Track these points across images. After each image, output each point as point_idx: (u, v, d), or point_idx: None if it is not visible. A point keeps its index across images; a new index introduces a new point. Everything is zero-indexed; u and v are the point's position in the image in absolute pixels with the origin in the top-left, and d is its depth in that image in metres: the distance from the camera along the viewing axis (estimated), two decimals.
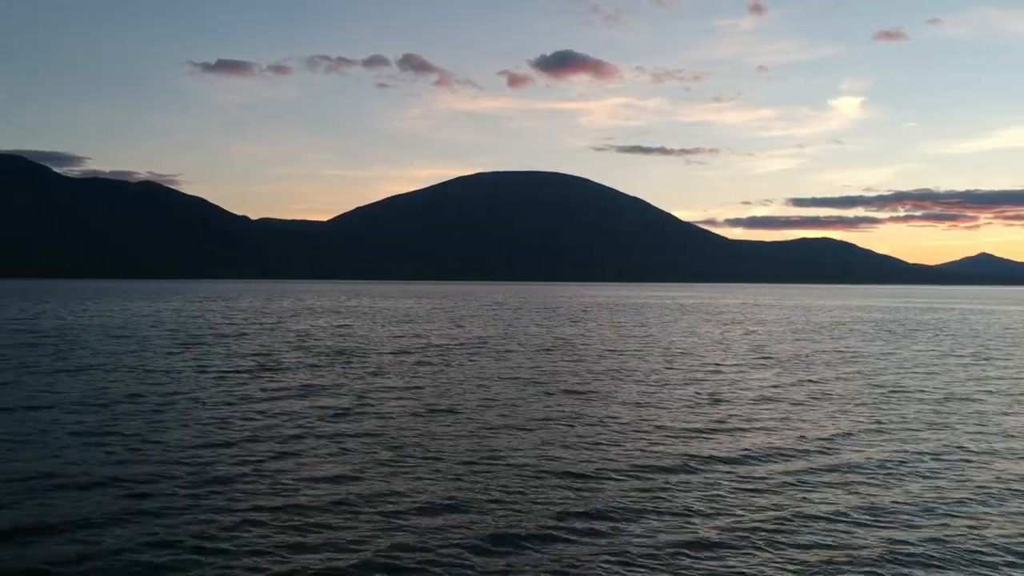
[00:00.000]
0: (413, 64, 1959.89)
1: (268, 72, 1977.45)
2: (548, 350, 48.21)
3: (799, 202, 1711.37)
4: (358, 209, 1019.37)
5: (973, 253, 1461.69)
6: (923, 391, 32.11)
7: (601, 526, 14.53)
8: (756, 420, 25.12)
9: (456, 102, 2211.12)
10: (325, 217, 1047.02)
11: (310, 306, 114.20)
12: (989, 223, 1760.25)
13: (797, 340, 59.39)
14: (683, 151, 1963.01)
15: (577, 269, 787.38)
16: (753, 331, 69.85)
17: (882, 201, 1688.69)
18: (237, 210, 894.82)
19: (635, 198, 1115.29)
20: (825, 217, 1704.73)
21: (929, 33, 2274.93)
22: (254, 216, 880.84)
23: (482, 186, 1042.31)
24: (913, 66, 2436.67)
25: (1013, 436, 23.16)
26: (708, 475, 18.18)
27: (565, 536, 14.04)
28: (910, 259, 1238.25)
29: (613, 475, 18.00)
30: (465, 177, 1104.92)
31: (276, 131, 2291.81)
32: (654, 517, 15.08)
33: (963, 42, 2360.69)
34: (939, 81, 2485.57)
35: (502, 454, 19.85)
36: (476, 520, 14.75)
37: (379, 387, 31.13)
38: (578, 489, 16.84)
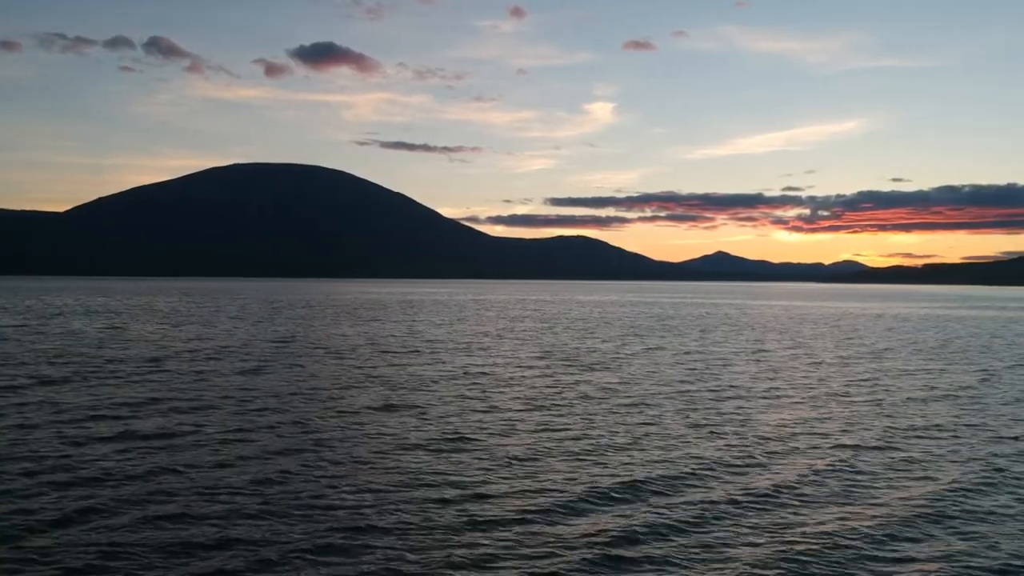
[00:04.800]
0: (161, 48, 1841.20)
1: None
2: (325, 354, 45.32)
3: (557, 202, 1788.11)
4: (100, 200, 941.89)
5: (711, 251, 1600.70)
6: (714, 391, 32.71)
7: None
8: (527, 430, 23.94)
9: (209, 90, 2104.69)
10: (62, 208, 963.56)
11: (50, 305, 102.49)
12: (725, 224, 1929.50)
13: (582, 337, 60.03)
14: (446, 149, 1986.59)
15: (339, 265, 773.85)
16: (527, 327, 70.11)
17: (631, 202, 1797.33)
18: None
19: (398, 194, 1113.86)
20: (580, 216, 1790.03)
21: (675, 45, 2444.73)
22: None
23: (238, 178, 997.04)
24: (660, 75, 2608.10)
25: (797, 435, 23.60)
26: (473, 504, 16.12)
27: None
28: (656, 256, 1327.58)
29: (368, 504, 15.93)
30: (219, 168, 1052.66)
31: (3, 113, 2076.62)
32: (411, 555, 13.29)
33: (706, 55, 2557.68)
34: (684, 91, 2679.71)
35: (262, 483, 17.49)
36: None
37: (134, 402, 27.20)
38: (332, 525, 14.67)
